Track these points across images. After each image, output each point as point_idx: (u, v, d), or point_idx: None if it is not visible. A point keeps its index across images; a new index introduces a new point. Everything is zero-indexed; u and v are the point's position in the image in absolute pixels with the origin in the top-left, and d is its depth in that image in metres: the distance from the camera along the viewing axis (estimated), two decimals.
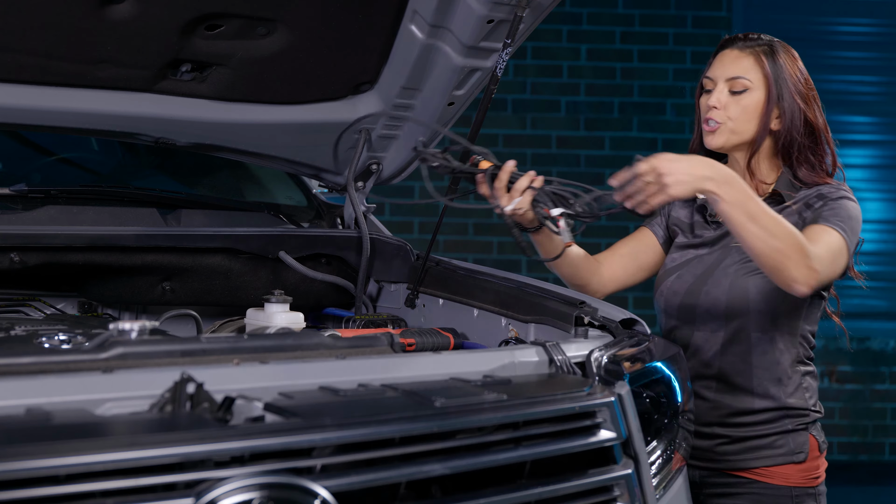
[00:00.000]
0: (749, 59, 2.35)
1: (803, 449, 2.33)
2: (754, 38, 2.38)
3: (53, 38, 2.22)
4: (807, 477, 2.34)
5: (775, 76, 2.33)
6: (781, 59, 2.35)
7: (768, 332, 2.30)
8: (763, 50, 2.35)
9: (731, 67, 2.35)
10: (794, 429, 2.33)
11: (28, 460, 1.23)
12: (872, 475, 6.07)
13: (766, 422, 2.32)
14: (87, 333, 1.82)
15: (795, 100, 2.34)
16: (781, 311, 2.29)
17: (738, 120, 2.34)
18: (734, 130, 2.34)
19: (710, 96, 2.37)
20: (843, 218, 2.23)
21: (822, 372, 6.27)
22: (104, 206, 2.54)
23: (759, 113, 2.33)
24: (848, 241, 2.21)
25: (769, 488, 2.31)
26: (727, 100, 2.34)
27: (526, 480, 1.66)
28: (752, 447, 2.31)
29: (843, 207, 2.25)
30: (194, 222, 2.60)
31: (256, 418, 1.45)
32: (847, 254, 2.23)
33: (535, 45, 6.29)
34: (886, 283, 6.55)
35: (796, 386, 2.33)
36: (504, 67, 2.48)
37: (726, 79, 2.35)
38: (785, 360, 2.32)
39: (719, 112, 2.34)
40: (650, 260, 2.54)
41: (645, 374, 1.97)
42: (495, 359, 1.84)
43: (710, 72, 2.40)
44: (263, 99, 2.58)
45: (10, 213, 2.41)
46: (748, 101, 2.34)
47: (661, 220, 2.55)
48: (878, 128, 6.51)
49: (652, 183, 2.00)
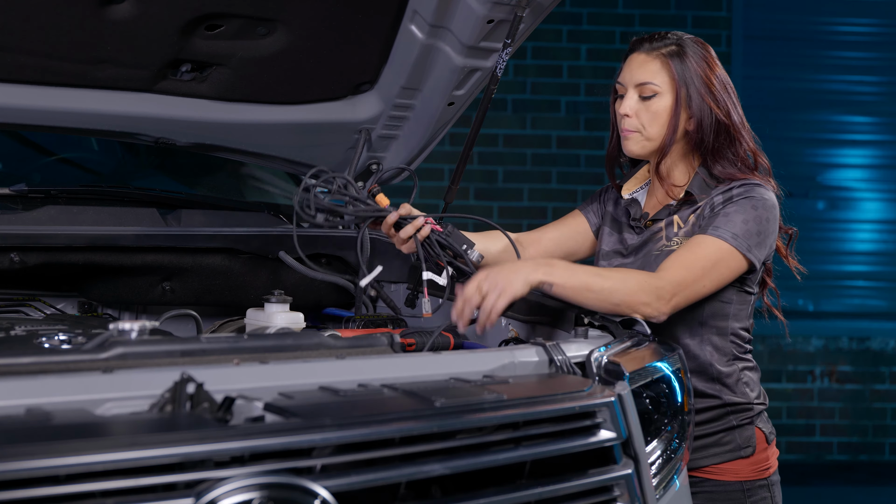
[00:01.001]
0: (656, 63, 2.32)
1: (750, 443, 2.35)
2: (661, 38, 2.35)
3: (53, 38, 2.23)
4: (757, 469, 2.36)
5: (682, 79, 2.31)
6: (690, 59, 2.32)
7: (697, 335, 2.32)
8: (670, 52, 2.32)
9: (639, 72, 2.33)
10: (739, 424, 2.34)
11: (28, 460, 1.23)
12: (872, 475, 6.07)
13: (710, 420, 2.33)
14: (87, 333, 1.82)
15: (705, 100, 2.31)
16: (707, 315, 2.31)
17: (650, 126, 2.33)
18: (649, 137, 2.34)
19: (622, 102, 2.36)
20: (735, 223, 2.23)
21: (823, 372, 6.27)
22: (104, 206, 2.54)
23: (668, 117, 2.32)
24: (735, 244, 2.21)
25: (720, 485, 2.33)
26: (637, 106, 2.33)
27: (526, 480, 1.66)
28: (700, 447, 2.33)
29: (741, 209, 2.25)
30: (194, 222, 2.61)
31: (256, 418, 1.45)
32: (734, 255, 2.22)
33: (535, 45, 6.29)
34: (886, 283, 6.55)
35: (735, 381, 2.35)
36: (504, 67, 2.48)
37: (635, 84, 2.33)
38: (718, 360, 2.33)
39: (631, 120, 2.33)
40: (580, 247, 2.55)
41: (645, 373, 1.97)
42: (495, 359, 1.84)
43: (621, 77, 2.38)
44: (263, 99, 2.59)
45: (10, 213, 2.41)
46: (657, 107, 2.32)
47: (596, 208, 2.55)
48: (878, 128, 6.51)
49: (488, 295, 2.03)
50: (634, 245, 2.40)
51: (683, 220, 2.34)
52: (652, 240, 2.37)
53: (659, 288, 2.15)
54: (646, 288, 2.14)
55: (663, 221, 2.36)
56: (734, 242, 2.21)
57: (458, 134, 5.68)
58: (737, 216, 2.24)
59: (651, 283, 2.15)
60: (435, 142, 2.78)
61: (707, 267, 2.20)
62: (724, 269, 2.23)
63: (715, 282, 2.23)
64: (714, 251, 2.21)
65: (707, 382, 2.33)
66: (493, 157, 6.27)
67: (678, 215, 2.35)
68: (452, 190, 2.70)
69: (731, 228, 2.22)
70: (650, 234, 2.38)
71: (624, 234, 2.44)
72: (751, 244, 2.23)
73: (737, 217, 2.24)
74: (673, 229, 2.34)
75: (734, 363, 2.35)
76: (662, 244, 2.34)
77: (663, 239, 2.35)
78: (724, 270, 2.23)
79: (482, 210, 6.19)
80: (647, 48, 2.35)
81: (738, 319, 2.34)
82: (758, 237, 2.24)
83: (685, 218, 2.34)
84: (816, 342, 6.27)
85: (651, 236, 2.37)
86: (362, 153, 2.72)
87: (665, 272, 2.18)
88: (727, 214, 2.25)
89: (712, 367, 2.32)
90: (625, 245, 2.43)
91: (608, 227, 2.49)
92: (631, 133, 2.34)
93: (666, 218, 2.36)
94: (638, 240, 2.40)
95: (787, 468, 5.91)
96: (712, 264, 2.20)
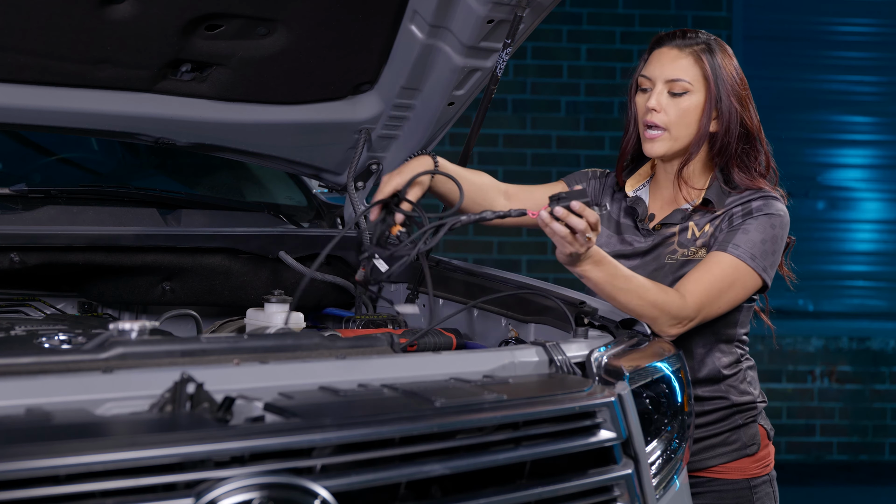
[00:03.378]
0: (689, 59, 2.27)
1: (755, 440, 2.38)
2: (692, 35, 2.29)
3: (53, 38, 2.22)
4: (761, 466, 2.39)
5: (715, 77, 2.26)
6: (719, 58, 2.27)
7: (707, 345, 2.33)
8: (702, 49, 2.27)
9: (671, 68, 2.27)
10: (745, 423, 2.37)
11: (28, 460, 1.23)
12: (872, 475, 6.07)
13: (717, 421, 2.35)
14: (87, 333, 1.82)
15: (732, 102, 2.27)
16: (719, 326, 2.31)
17: (677, 124, 2.27)
18: (676, 137, 2.28)
19: (647, 96, 2.30)
20: (754, 242, 2.22)
21: (823, 372, 6.27)
22: (104, 206, 2.54)
23: (698, 116, 2.27)
24: (753, 265, 2.21)
25: (728, 483, 2.35)
26: (667, 102, 2.27)
27: (526, 480, 1.66)
28: (707, 447, 2.34)
29: (761, 226, 2.23)
30: (194, 222, 2.61)
31: (256, 418, 1.45)
32: (751, 275, 2.22)
33: (535, 45, 6.28)
34: (886, 283, 6.55)
35: (740, 381, 2.37)
36: (504, 67, 2.48)
37: (665, 80, 2.27)
38: (726, 365, 2.35)
39: (660, 115, 2.27)
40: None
41: (645, 373, 1.97)
42: (495, 359, 1.84)
43: (648, 70, 2.31)
44: (263, 99, 2.58)
45: (10, 213, 2.41)
46: (688, 104, 2.27)
47: (596, 186, 2.47)
48: (878, 128, 6.51)
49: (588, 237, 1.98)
50: (643, 248, 2.34)
51: (699, 228, 2.30)
52: (663, 244, 2.33)
53: (687, 317, 2.16)
54: (674, 313, 2.14)
55: (677, 227, 2.32)
56: (752, 263, 2.21)
57: (458, 134, 5.68)
58: (756, 234, 2.22)
59: (679, 307, 2.15)
60: (435, 142, 2.78)
61: (724, 288, 2.20)
62: (741, 290, 2.23)
63: (731, 302, 2.24)
64: (732, 271, 2.21)
65: (715, 385, 2.34)
66: (493, 157, 6.27)
67: (693, 222, 2.31)
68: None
69: (749, 248, 2.21)
70: (661, 238, 2.33)
71: (625, 235, 2.39)
72: (766, 265, 2.24)
73: (756, 236, 2.22)
74: (687, 235, 2.31)
75: (739, 364, 2.37)
76: (675, 249, 2.31)
77: (675, 244, 2.31)
78: (740, 290, 2.23)
79: None
80: (678, 43, 2.28)
81: (742, 325, 2.36)
82: (773, 256, 2.25)
83: (701, 226, 2.30)
84: (816, 342, 6.27)
85: (662, 241, 2.33)
86: (362, 153, 2.72)
87: (689, 295, 2.17)
88: (747, 232, 2.23)
89: (720, 373, 2.34)
90: (630, 247, 2.37)
91: (603, 224, 2.40)
92: (657, 134, 2.28)
93: (680, 224, 2.32)
94: (647, 243, 2.34)
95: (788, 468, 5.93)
96: (729, 285, 2.21)
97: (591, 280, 2.08)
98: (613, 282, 2.08)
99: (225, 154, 2.72)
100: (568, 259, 2.03)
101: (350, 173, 2.72)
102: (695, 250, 2.29)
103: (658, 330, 2.15)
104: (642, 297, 2.11)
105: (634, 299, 2.10)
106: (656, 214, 2.37)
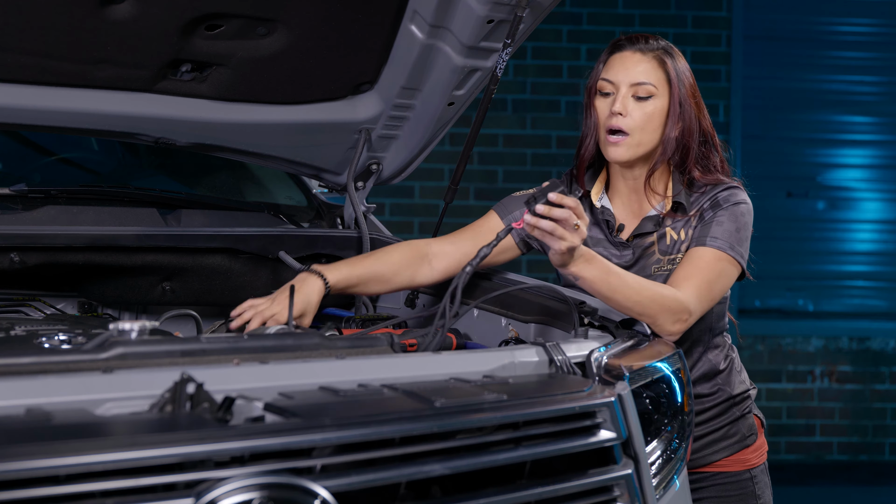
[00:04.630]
0: (652, 63, 2.25)
1: (752, 430, 2.41)
2: (653, 40, 2.29)
3: (53, 38, 2.23)
4: (758, 455, 2.43)
5: (678, 80, 2.25)
6: (678, 62, 2.27)
7: (703, 341, 2.35)
8: (662, 52, 2.27)
9: (635, 72, 2.25)
10: (742, 414, 2.40)
11: (28, 460, 1.23)
12: (872, 475, 6.07)
13: (716, 416, 2.38)
14: (87, 333, 1.82)
15: (691, 104, 2.27)
16: (711, 320, 2.34)
17: (642, 129, 2.24)
18: (639, 142, 2.25)
19: (609, 100, 2.27)
20: (730, 231, 2.22)
21: (823, 372, 6.27)
22: (104, 206, 2.54)
23: (662, 120, 2.25)
24: (734, 254, 2.21)
25: (731, 476, 2.38)
26: (632, 106, 2.25)
27: (526, 480, 1.66)
28: (710, 442, 2.37)
29: (732, 216, 2.24)
30: (194, 222, 2.60)
31: (256, 418, 1.45)
32: (733, 264, 2.22)
33: (535, 45, 6.28)
34: (886, 283, 6.55)
35: (729, 372, 2.40)
36: (504, 67, 2.48)
37: (630, 83, 2.24)
38: (720, 359, 2.38)
39: (625, 119, 2.23)
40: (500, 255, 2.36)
41: (645, 373, 1.97)
42: (495, 359, 1.84)
43: (610, 74, 2.28)
44: (263, 99, 2.58)
45: (10, 213, 2.41)
46: (652, 108, 2.24)
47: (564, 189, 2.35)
48: (878, 128, 6.51)
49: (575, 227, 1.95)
50: (628, 263, 2.30)
51: (676, 233, 2.30)
52: (644, 255, 2.31)
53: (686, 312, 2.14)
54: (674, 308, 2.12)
55: (654, 235, 2.30)
56: (732, 253, 2.22)
57: (458, 134, 5.68)
58: (730, 224, 2.23)
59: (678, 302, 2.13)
60: (435, 142, 2.78)
61: (713, 280, 2.21)
62: (726, 280, 2.24)
63: (720, 293, 2.25)
64: (717, 263, 2.21)
65: (712, 381, 2.37)
66: (493, 157, 6.27)
67: (669, 227, 2.30)
68: (452, 190, 2.71)
69: (727, 239, 2.22)
70: (640, 249, 2.31)
71: (600, 249, 2.32)
72: (742, 252, 2.25)
73: (730, 226, 2.23)
74: (667, 242, 2.30)
75: (729, 355, 2.42)
76: (658, 259, 2.30)
77: (657, 253, 2.30)
78: (725, 280, 2.24)
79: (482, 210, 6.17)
80: (641, 47, 2.27)
81: (724, 316, 2.40)
82: (746, 243, 2.26)
83: (678, 230, 2.30)
84: (816, 342, 6.27)
85: (643, 252, 2.31)
86: (362, 153, 2.72)
87: (684, 291, 2.15)
88: (720, 223, 2.23)
89: (716, 367, 2.37)
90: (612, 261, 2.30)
91: None
92: (620, 139, 2.25)
93: (656, 231, 2.30)
94: (628, 257, 2.31)
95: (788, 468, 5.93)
96: (717, 276, 2.21)
97: (587, 280, 2.06)
98: (607, 279, 2.07)
99: (225, 154, 2.72)
100: (562, 259, 2.02)
101: (350, 173, 2.72)
102: (681, 256, 2.27)
103: (660, 329, 2.14)
104: (640, 294, 2.10)
105: (633, 296, 2.09)
106: (625, 225, 2.34)
